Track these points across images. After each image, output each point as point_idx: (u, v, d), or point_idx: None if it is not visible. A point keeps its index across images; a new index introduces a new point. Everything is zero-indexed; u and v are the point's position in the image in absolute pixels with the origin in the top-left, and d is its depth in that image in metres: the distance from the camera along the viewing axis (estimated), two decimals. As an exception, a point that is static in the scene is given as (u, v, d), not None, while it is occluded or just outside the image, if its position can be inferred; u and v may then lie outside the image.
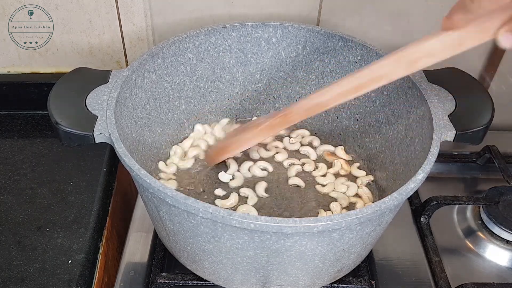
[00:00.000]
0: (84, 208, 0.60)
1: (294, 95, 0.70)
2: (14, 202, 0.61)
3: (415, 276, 0.58)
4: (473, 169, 0.75)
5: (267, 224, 0.40)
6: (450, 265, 0.60)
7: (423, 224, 0.64)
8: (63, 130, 0.49)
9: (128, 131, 0.55)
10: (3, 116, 0.74)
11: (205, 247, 0.47)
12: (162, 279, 0.55)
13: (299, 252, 0.45)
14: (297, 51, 0.66)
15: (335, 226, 0.41)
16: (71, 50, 0.72)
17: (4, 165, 0.66)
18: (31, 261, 0.54)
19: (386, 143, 0.62)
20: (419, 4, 0.70)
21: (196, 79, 0.66)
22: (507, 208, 0.64)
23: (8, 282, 0.52)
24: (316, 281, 0.52)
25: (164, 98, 0.63)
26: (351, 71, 0.64)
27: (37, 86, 0.73)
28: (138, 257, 0.59)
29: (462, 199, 0.65)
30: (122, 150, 0.46)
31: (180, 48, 0.62)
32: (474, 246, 0.64)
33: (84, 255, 0.55)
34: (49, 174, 0.65)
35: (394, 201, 0.43)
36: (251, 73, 0.68)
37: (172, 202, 0.43)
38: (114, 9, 0.69)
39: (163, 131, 0.64)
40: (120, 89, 0.53)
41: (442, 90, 0.56)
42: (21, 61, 0.73)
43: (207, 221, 0.43)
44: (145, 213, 0.62)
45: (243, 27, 0.64)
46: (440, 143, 0.49)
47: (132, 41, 0.72)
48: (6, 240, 0.56)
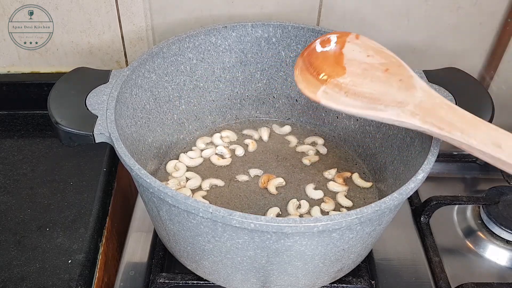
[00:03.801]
0: (84, 208, 0.60)
1: (294, 95, 0.70)
2: (14, 202, 0.61)
3: (415, 276, 0.58)
4: (473, 169, 0.75)
5: (267, 224, 0.40)
6: (450, 265, 0.60)
7: (423, 224, 0.64)
8: (63, 130, 0.49)
9: (128, 131, 0.55)
10: (3, 116, 0.74)
11: (205, 247, 0.47)
12: (162, 279, 0.55)
13: (299, 252, 0.45)
14: (297, 51, 0.66)
15: (335, 226, 0.41)
16: (71, 50, 0.72)
17: (4, 165, 0.66)
18: (31, 261, 0.54)
19: (386, 143, 0.62)
20: (419, 4, 0.70)
21: (196, 79, 0.66)
22: (507, 208, 0.64)
23: (8, 282, 0.52)
24: (316, 281, 0.52)
25: (164, 98, 0.63)
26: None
27: (37, 86, 0.73)
28: (138, 257, 0.59)
29: (462, 199, 0.65)
30: (122, 150, 0.46)
31: (180, 48, 0.62)
32: (474, 246, 0.64)
33: (84, 255, 0.55)
34: (49, 174, 0.64)
35: (394, 201, 0.43)
36: (251, 73, 0.68)
37: (172, 202, 0.43)
38: (114, 9, 0.69)
39: (163, 131, 0.64)
40: (120, 89, 0.54)
41: (442, 90, 0.56)
42: (21, 61, 0.73)
43: (207, 221, 0.43)
44: (145, 213, 0.63)
45: (243, 27, 0.64)
46: (440, 143, 0.49)
47: (132, 41, 0.72)
48: (6, 240, 0.56)
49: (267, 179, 0.63)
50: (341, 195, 0.62)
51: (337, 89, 0.49)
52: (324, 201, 0.61)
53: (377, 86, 0.48)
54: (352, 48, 0.52)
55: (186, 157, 0.66)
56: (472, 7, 0.70)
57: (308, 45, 0.54)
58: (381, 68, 0.50)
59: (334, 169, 0.65)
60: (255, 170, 0.65)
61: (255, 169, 0.65)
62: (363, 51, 0.52)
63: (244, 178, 0.64)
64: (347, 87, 0.49)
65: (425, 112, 0.46)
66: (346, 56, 0.51)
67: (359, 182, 0.64)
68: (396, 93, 0.47)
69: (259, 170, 0.65)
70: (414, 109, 0.46)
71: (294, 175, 0.65)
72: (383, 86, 0.48)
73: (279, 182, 0.63)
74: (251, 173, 0.64)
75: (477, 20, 0.72)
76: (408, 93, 0.47)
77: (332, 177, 0.64)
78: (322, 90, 0.49)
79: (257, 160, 0.67)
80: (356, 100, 0.48)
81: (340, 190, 0.63)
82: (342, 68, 0.50)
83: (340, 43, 0.53)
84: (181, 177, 0.63)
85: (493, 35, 0.74)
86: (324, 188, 0.63)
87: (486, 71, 0.77)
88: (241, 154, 0.67)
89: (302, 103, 0.70)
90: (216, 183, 0.63)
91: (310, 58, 0.52)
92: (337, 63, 0.51)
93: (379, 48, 0.52)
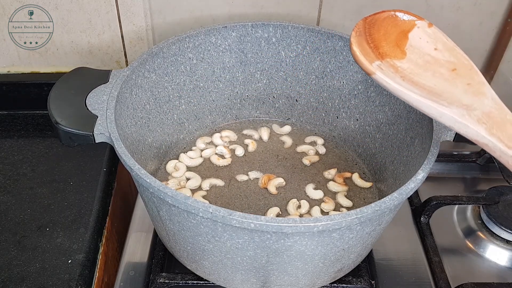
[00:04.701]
0: (84, 208, 0.60)
1: (294, 95, 0.70)
2: (14, 202, 0.61)
3: (415, 276, 0.58)
4: (473, 169, 0.75)
5: (267, 224, 0.40)
6: (450, 265, 0.60)
7: (423, 224, 0.64)
8: (63, 130, 0.49)
9: (128, 131, 0.55)
10: (3, 116, 0.74)
11: (205, 247, 0.47)
12: (162, 279, 0.55)
13: (299, 252, 0.45)
14: (297, 51, 0.66)
15: (335, 226, 0.41)
16: (71, 50, 0.72)
17: (4, 165, 0.66)
18: (31, 261, 0.54)
19: (386, 143, 0.62)
20: (419, 4, 0.70)
21: (196, 79, 0.66)
22: (507, 208, 0.64)
23: (8, 282, 0.52)
24: (316, 281, 0.52)
25: (164, 98, 0.63)
26: (351, 71, 0.64)
27: (37, 86, 0.73)
28: (138, 257, 0.59)
29: (462, 199, 0.65)
30: (122, 150, 0.46)
31: (180, 48, 0.62)
32: (474, 246, 0.64)
33: (84, 255, 0.55)
34: (49, 174, 0.64)
35: (394, 201, 0.43)
36: (251, 73, 0.68)
37: (172, 202, 0.43)
38: (114, 9, 0.69)
39: (163, 131, 0.64)
40: (120, 89, 0.53)
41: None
42: (21, 61, 0.73)
43: (207, 221, 0.43)
44: (145, 213, 0.63)
45: (243, 27, 0.64)
46: (440, 143, 0.49)
47: (132, 41, 0.72)
48: (6, 240, 0.56)
49: (267, 179, 0.63)
50: (341, 195, 0.62)
51: (393, 70, 0.44)
52: (324, 201, 0.61)
53: (439, 82, 0.43)
54: (420, 36, 0.47)
55: (186, 157, 0.66)
56: (472, 7, 0.70)
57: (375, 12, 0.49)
58: (447, 66, 0.45)
59: (334, 169, 0.65)
60: (255, 172, 0.65)
61: (254, 172, 0.65)
62: (431, 42, 0.46)
63: (244, 178, 0.64)
64: (404, 72, 0.44)
65: (493, 123, 0.41)
66: (410, 41, 0.46)
67: (359, 182, 0.64)
68: (462, 95, 0.42)
69: (259, 172, 0.65)
70: (482, 117, 0.41)
71: (294, 175, 0.65)
72: (447, 85, 0.43)
73: (279, 182, 0.63)
74: (250, 175, 0.64)
75: (477, 20, 0.72)
76: (476, 99, 0.42)
77: (332, 177, 0.64)
78: (377, 64, 0.44)
79: (257, 160, 0.67)
80: (414, 87, 0.42)
81: (340, 190, 0.63)
82: (402, 52, 0.45)
83: (408, 26, 0.47)
84: (181, 177, 0.63)
85: (493, 35, 0.74)
86: (324, 188, 0.63)
87: (486, 71, 0.77)
88: (241, 154, 0.67)
89: (302, 103, 0.70)
90: (216, 183, 0.63)
91: (371, 27, 0.47)
92: (397, 45, 0.46)
93: (451, 45, 0.47)
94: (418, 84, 0.43)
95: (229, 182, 0.63)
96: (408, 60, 0.45)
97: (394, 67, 0.44)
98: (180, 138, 0.68)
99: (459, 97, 0.42)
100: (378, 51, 0.45)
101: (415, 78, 0.43)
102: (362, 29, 0.47)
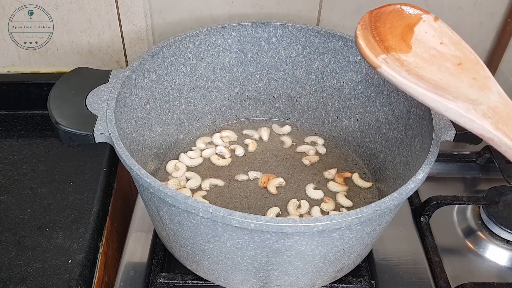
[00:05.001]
0: (84, 208, 0.60)
1: (294, 95, 0.70)
2: (14, 202, 0.61)
3: (415, 276, 0.58)
4: (473, 169, 0.75)
5: (267, 224, 0.40)
6: (450, 265, 0.60)
7: (423, 224, 0.64)
8: (63, 130, 0.49)
9: (128, 131, 0.55)
10: (3, 116, 0.74)
11: (205, 247, 0.47)
12: (162, 279, 0.55)
13: (299, 252, 0.45)
14: (297, 51, 0.66)
15: (335, 226, 0.41)
16: (71, 50, 0.72)
17: (4, 165, 0.66)
18: (31, 261, 0.54)
19: (386, 143, 0.62)
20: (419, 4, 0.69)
21: (196, 79, 0.66)
22: (507, 208, 0.64)
23: (8, 282, 0.52)
24: (316, 281, 0.52)
25: (164, 98, 0.63)
26: (351, 71, 0.64)
27: (37, 86, 0.73)
28: (138, 257, 0.59)
29: (462, 199, 0.65)
30: (122, 150, 0.46)
31: (180, 48, 0.62)
32: (474, 246, 0.64)
33: (84, 255, 0.55)
34: (49, 174, 0.64)
35: (394, 201, 0.43)
36: (251, 73, 0.68)
37: (172, 202, 0.43)
38: (114, 9, 0.69)
39: (163, 131, 0.64)
40: (120, 89, 0.53)
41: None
42: (21, 61, 0.73)
43: (207, 220, 0.43)
44: (145, 213, 0.63)
45: (243, 27, 0.64)
46: (440, 143, 0.49)
47: (132, 41, 0.72)
48: (6, 240, 0.56)
49: (267, 179, 0.63)
50: (341, 195, 0.62)
51: (398, 63, 0.44)
52: (324, 201, 0.61)
53: (445, 76, 0.43)
54: (425, 30, 0.47)
55: (186, 157, 0.66)
56: (472, 7, 0.70)
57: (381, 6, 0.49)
58: (452, 60, 0.45)
59: (334, 169, 0.65)
60: (255, 172, 0.65)
61: (254, 171, 0.65)
62: (437, 36, 0.46)
63: (244, 178, 0.64)
64: (410, 66, 0.44)
65: (499, 118, 0.41)
66: (416, 35, 0.46)
67: (359, 182, 0.64)
68: (468, 89, 0.43)
69: (259, 172, 0.65)
70: (488, 111, 0.41)
71: (294, 175, 0.65)
72: (453, 79, 0.43)
73: (279, 182, 0.63)
74: (250, 175, 0.64)
75: (477, 20, 0.72)
76: (482, 93, 0.42)
77: (332, 177, 0.64)
78: (383, 57, 0.44)
79: (257, 160, 0.67)
80: (419, 81, 0.43)
81: (340, 190, 0.63)
82: (408, 45, 0.45)
83: (414, 19, 0.47)
84: (181, 177, 0.63)
85: (493, 35, 0.74)
86: (324, 188, 0.63)
87: (486, 71, 0.77)
88: (241, 154, 0.67)
89: (302, 103, 0.70)
90: (216, 183, 0.63)
91: (377, 20, 0.47)
92: (403, 38, 0.46)
93: (457, 39, 0.47)
94: (423, 78, 0.43)
95: (229, 182, 0.63)
96: (413, 54, 0.45)
97: (400, 60, 0.44)
98: (180, 138, 0.68)
99: (464, 92, 0.42)
100: (383, 44, 0.45)
101: (421, 72, 0.44)
102: (368, 22, 0.47)
